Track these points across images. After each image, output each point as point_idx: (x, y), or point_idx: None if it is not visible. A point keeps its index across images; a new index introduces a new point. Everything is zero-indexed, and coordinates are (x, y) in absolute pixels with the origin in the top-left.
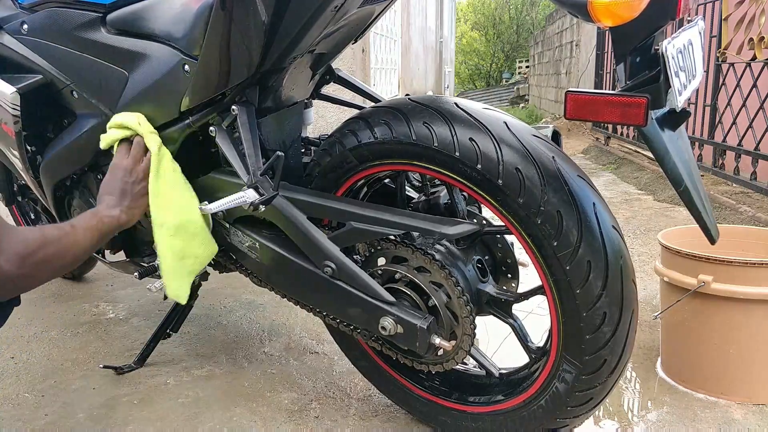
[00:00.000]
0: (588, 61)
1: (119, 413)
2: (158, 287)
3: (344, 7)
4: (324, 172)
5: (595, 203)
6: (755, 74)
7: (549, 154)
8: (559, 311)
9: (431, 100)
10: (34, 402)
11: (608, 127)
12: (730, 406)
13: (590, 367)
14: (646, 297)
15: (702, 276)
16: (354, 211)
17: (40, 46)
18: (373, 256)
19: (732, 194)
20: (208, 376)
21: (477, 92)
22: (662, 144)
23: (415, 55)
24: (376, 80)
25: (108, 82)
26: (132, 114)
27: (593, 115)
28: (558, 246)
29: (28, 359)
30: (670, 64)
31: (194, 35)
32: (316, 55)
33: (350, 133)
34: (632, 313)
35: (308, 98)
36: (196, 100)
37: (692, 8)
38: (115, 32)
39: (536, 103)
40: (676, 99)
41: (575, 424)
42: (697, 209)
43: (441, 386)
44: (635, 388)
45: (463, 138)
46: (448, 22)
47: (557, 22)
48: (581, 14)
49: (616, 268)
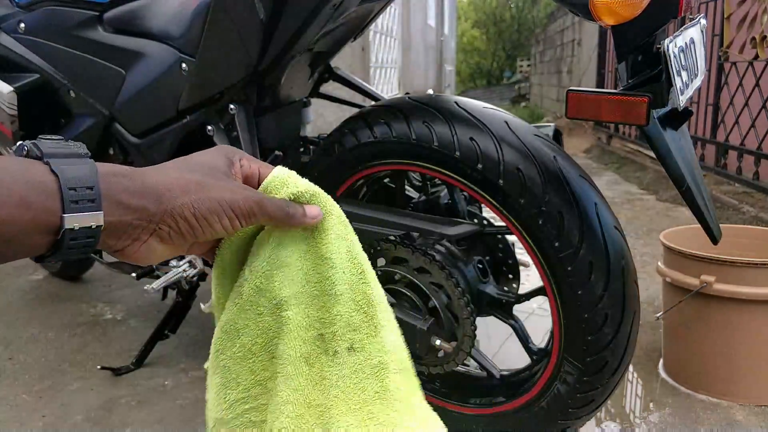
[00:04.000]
0: (589, 59)
1: (117, 414)
2: (156, 288)
3: (343, 5)
4: (323, 172)
5: (597, 203)
6: (758, 73)
7: (550, 154)
8: (561, 312)
9: (431, 99)
10: (31, 403)
11: (610, 126)
12: (733, 408)
13: (592, 369)
14: (648, 298)
15: (704, 276)
16: (353, 211)
17: (37, 45)
18: (372, 256)
19: (734, 194)
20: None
21: (478, 91)
22: (664, 143)
23: (415, 54)
24: (376, 79)
25: (105, 81)
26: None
27: (595, 115)
28: (559, 246)
29: (25, 360)
30: (672, 63)
31: (192, 34)
32: (314, 53)
33: (349, 133)
34: (634, 314)
35: (307, 97)
36: (193, 99)
37: (694, 7)
38: (112, 31)
39: (537, 102)
40: (678, 98)
41: (577, 425)
42: (700, 209)
43: (441, 388)
44: (637, 390)
45: (464, 137)
46: (449, 20)
47: (559, 21)
48: (583, 13)
49: (617, 269)
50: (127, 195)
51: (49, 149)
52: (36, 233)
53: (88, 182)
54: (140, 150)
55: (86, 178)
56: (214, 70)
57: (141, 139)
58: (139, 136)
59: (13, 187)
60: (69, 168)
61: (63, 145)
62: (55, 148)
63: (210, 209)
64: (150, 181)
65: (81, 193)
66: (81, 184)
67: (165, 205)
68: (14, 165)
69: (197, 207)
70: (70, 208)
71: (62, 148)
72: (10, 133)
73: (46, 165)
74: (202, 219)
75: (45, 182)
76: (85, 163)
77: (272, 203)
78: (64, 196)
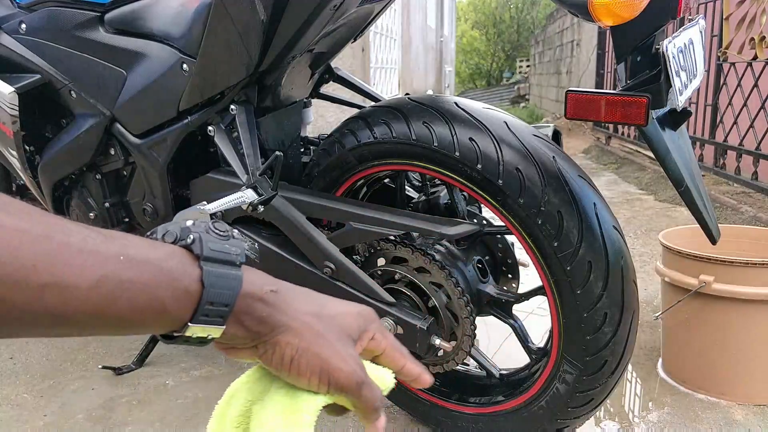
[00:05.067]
0: (589, 60)
1: (118, 414)
2: None
3: (343, 6)
4: (323, 172)
5: (596, 203)
6: (756, 74)
7: (549, 154)
8: (560, 312)
9: (431, 99)
10: (33, 402)
11: (609, 126)
12: (732, 407)
13: (591, 368)
14: (647, 297)
15: (703, 276)
16: (353, 211)
17: (38, 46)
18: (372, 256)
19: (733, 194)
20: (207, 377)
21: (477, 91)
22: (663, 144)
23: (415, 54)
24: (376, 79)
25: (106, 82)
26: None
27: (594, 115)
28: (559, 246)
29: (27, 360)
30: (671, 63)
31: (193, 34)
32: (315, 54)
33: (350, 133)
34: (633, 314)
35: (307, 97)
36: (194, 100)
37: (693, 7)
38: (113, 31)
39: (537, 103)
40: (677, 98)
41: (576, 424)
42: (698, 209)
43: (441, 387)
44: (636, 389)
45: (463, 138)
46: (449, 21)
47: (558, 22)
48: (582, 14)
49: (616, 269)
50: (253, 321)
51: (210, 252)
52: (155, 327)
53: (228, 300)
54: (141, 150)
55: (228, 296)
56: (215, 70)
57: (142, 139)
58: (140, 136)
59: (157, 292)
60: (218, 281)
61: (226, 247)
62: (217, 251)
63: (309, 365)
64: (279, 317)
65: (216, 309)
66: (220, 301)
67: (275, 337)
68: (167, 261)
69: (300, 355)
70: (198, 320)
71: (222, 252)
72: (11, 133)
73: (199, 270)
74: (296, 366)
75: (190, 293)
76: (235, 278)
77: (371, 393)
78: (199, 309)
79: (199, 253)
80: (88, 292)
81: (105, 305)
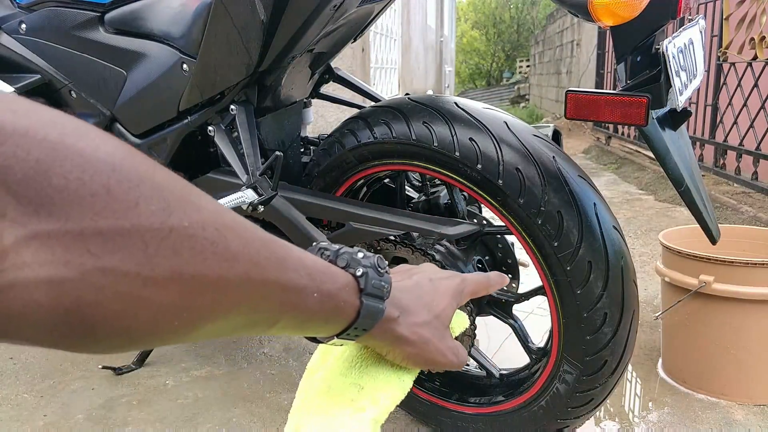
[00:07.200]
0: (589, 60)
1: (118, 414)
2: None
3: (343, 6)
4: (323, 172)
5: (596, 203)
6: (756, 74)
7: (549, 154)
8: (560, 312)
9: (431, 99)
10: (33, 402)
11: (609, 126)
12: (732, 407)
13: (591, 368)
14: (647, 297)
15: (703, 276)
16: (353, 211)
17: (38, 46)
18: None
19: (733, 194)
20: (208, 377)
21: (477, 91)
22: (663, 144)
23: (415, 54)
24: (376, 79)
25: (106, 82)
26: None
27: (594, 115)
28: (558, 246)
29: (27, 360)
30: (671, 63)
31: (193, 34)
32: (315, 54)
33: (350, 133)
34: (633, 314)
35: (307, 97)
36: (194, 100)
37: (693, 7)
38: (113, 32)
39: (537, 103)
40: (677, 98)
41: (576, 424)
42: (698, 209)
43: (441, 387)
44: (636, 389)
45: (463, 138)
46: (449, 21)
47: (558, 22)
48: (582, 14)
49: (616, 269)
50: (379, 335)
51: (371, 289)
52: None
53: (368, 327)
54: (141, 150)
55: (370, 324)
56: (215, 70)
57: (142, 140)
58: (141, 137)
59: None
60: (368, 312)
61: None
62: (376, 288)
63: (417, 363)
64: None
65: (357, 331)
66: (362, 327)
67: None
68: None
69: (411, 358)
70: (342, 336)
71: (378, 289)
72: None
73: (359, 303)
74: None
75: (347, 319)
76: (380, 312)
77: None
78: (346, 330)
79: (364, 288)
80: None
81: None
